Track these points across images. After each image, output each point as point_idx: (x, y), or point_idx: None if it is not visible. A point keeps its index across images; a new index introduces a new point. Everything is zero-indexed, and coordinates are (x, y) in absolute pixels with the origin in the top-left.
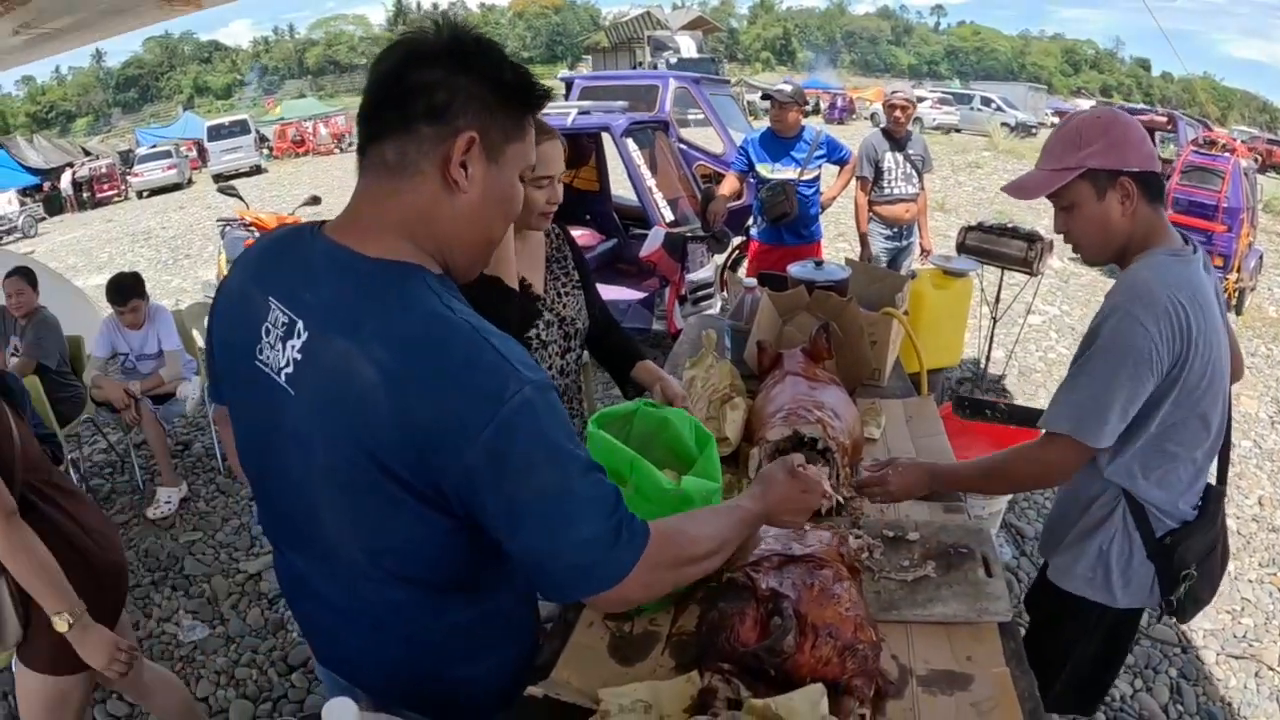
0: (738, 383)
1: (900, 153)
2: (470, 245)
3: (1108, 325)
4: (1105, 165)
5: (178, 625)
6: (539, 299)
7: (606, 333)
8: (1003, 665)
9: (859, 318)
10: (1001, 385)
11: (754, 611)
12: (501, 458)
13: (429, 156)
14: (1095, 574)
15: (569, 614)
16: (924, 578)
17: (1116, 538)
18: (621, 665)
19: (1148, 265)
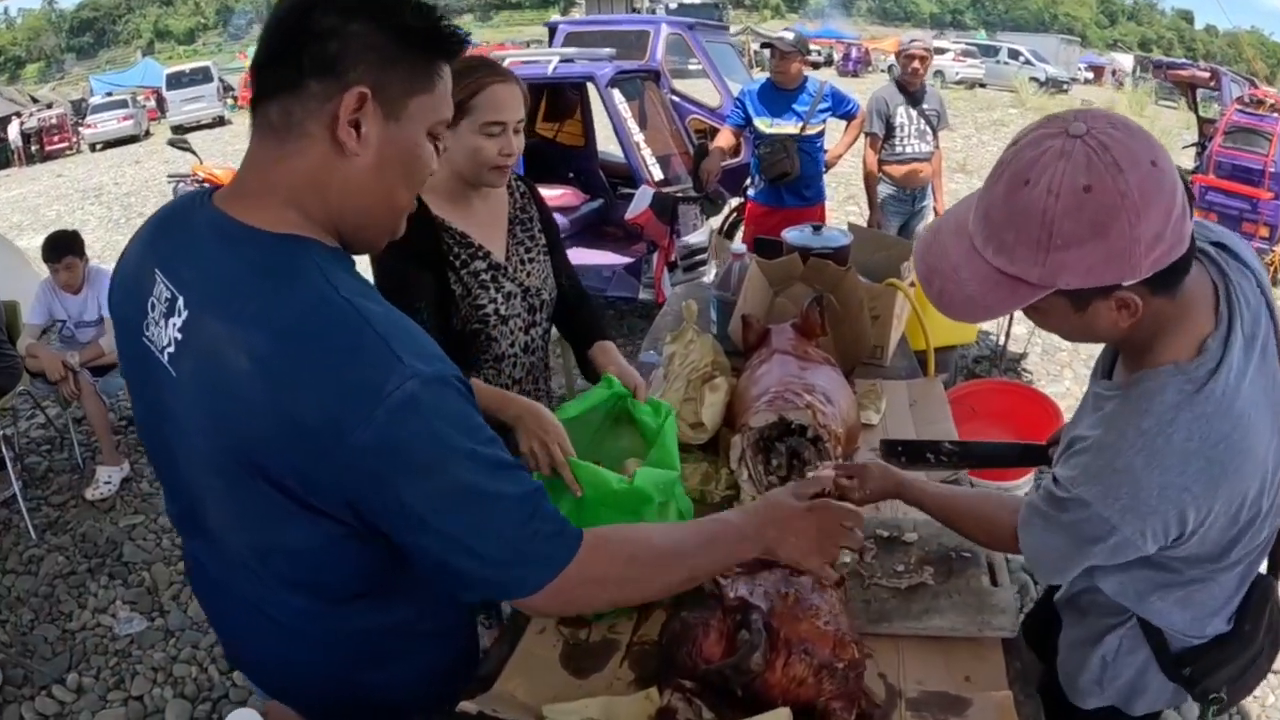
0: (721, 360)
1: (915, 108)
2: (368, 214)
3: (1073, 510)
4: (1092, 283)
5: (114, 617)
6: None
7: (577, 306)
8: (1006, 688)
9: (859, 289)
10: (1021, 365)
11: (720, 623)
12: (385, 461)
13: (316, 116)
14: (1101, 686)
15: (520, 618)
16: (920, 585)
17: (1123, 649)
18: (575, 677)
19: (1143, 426)
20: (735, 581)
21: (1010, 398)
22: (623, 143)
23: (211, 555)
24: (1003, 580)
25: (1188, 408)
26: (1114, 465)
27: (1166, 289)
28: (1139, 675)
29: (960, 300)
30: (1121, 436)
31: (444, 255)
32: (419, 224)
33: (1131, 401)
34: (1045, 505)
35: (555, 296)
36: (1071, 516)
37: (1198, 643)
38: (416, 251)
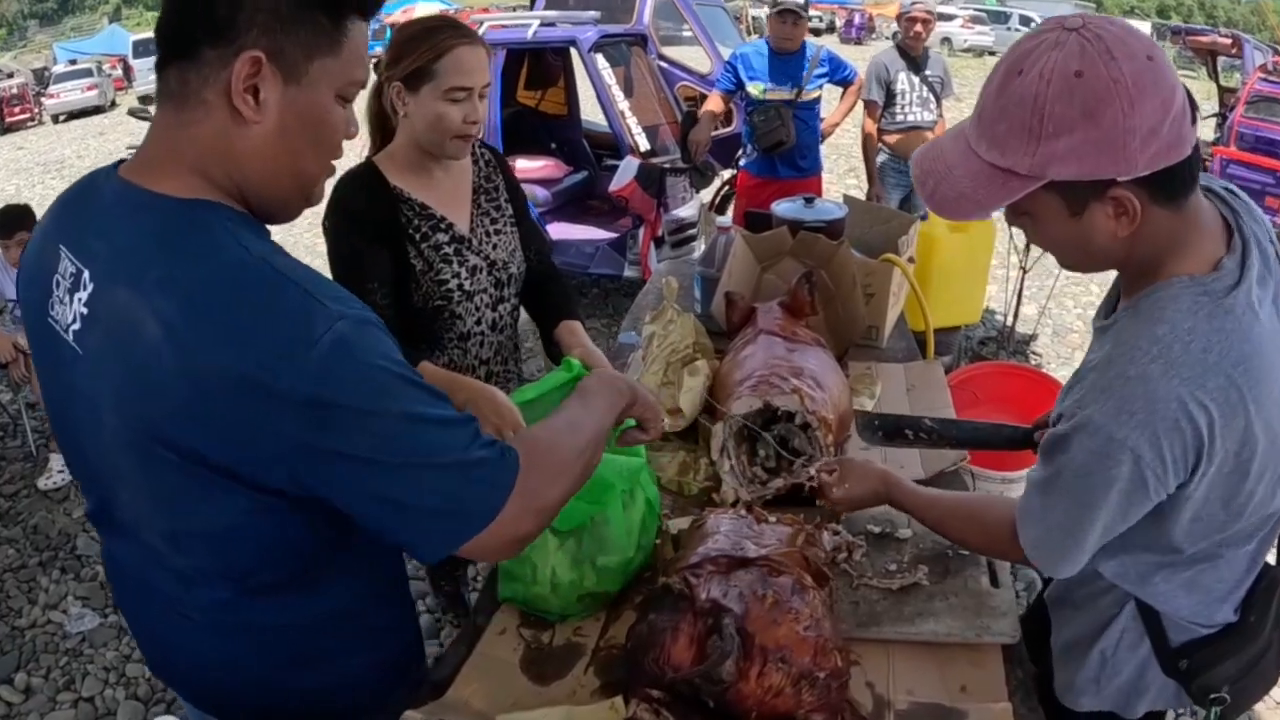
0: (703, 341)
1: (917, 74)
2: (273, 183)
3: (1079, 441)
4: (1085, 175)
5: (65, 614)
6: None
7: (545, 281)
8: (1005, 700)
9: (852, 265)
10: (1030, 348)
11: (690, 627)
12: (325, 410)
13: (211, 84)
14: (1099, 685)
15: (478, 618)
16: (913, 586)
17: (1123, 643)
18: (536, 683)
19: (1144, 325)
20: (707, 581)
21: (1017, 382)
22: (607, 111)
23: (128, 551)
24: (1004, 580)
25: (1206, 319)
26: (1126, 374)
27: (1168, 198)
28: (1139, 673)
29: (952, 198)
30: (1134, 345)
31: (402, 228)
32: (375, 195)
33: (1142, 312)
34: (1042, 467)
35: (524, 270)
36: (1076, 458)
37: (1204, 633)
38: (372, 224)
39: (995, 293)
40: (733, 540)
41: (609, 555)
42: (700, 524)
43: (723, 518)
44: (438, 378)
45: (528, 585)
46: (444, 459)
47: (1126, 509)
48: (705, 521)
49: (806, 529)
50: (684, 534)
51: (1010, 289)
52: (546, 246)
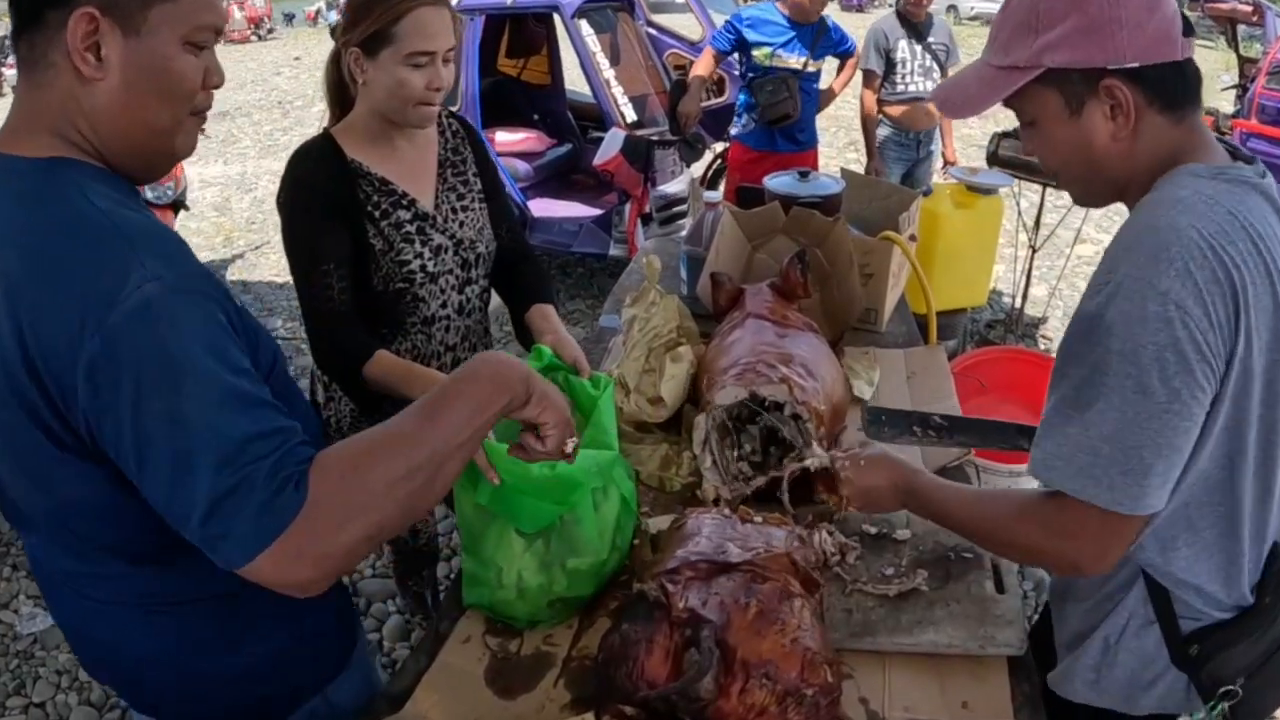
0: (688, 325)
1: (919, 42)
2: (127, 139)
3: (1116, 309)
4: (1076, 62)
5: (15, 614)
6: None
7: (516, 262)
8: (1010, 716)
9: (848, 243)
10: (1040, 332)
11: (665, 639)
12: (108, 373)
13: (55, 45)
14: (1099, 675)
15: (441, 624)
16: (912, 592)
17: (1129, 629)
18: (501, 697)
19: (1163, 194)
20: (685, 589)
21: (1025, 368)
22: (591, 81)
23: (37, 542)
24: (1010, 586)
25: (1228, 189)
26: (1155, 225)
27: (1165, 104)
28: (1144, 663)
29: (958, 100)
30: (1154, 206)
31: (360, 205)
32: (332, 169)
33: (1158, 190)
34: (1068, 380)
35: (494, 250)
36: (1115, 332)
37: (1217, 617)
38: (328, 201)
39: (1003, 273)
40: (715, 543)
41: (580, 558)
42: (680, 525)
43: (704, 518)
44: (394, 369)
45: (493, 590)
46: (199, 472)
47: (1188, 404)
48: (685, 522)
49: (796, 530)
50: (663, 535)
51: (1019, 269)
52: (519, 224)
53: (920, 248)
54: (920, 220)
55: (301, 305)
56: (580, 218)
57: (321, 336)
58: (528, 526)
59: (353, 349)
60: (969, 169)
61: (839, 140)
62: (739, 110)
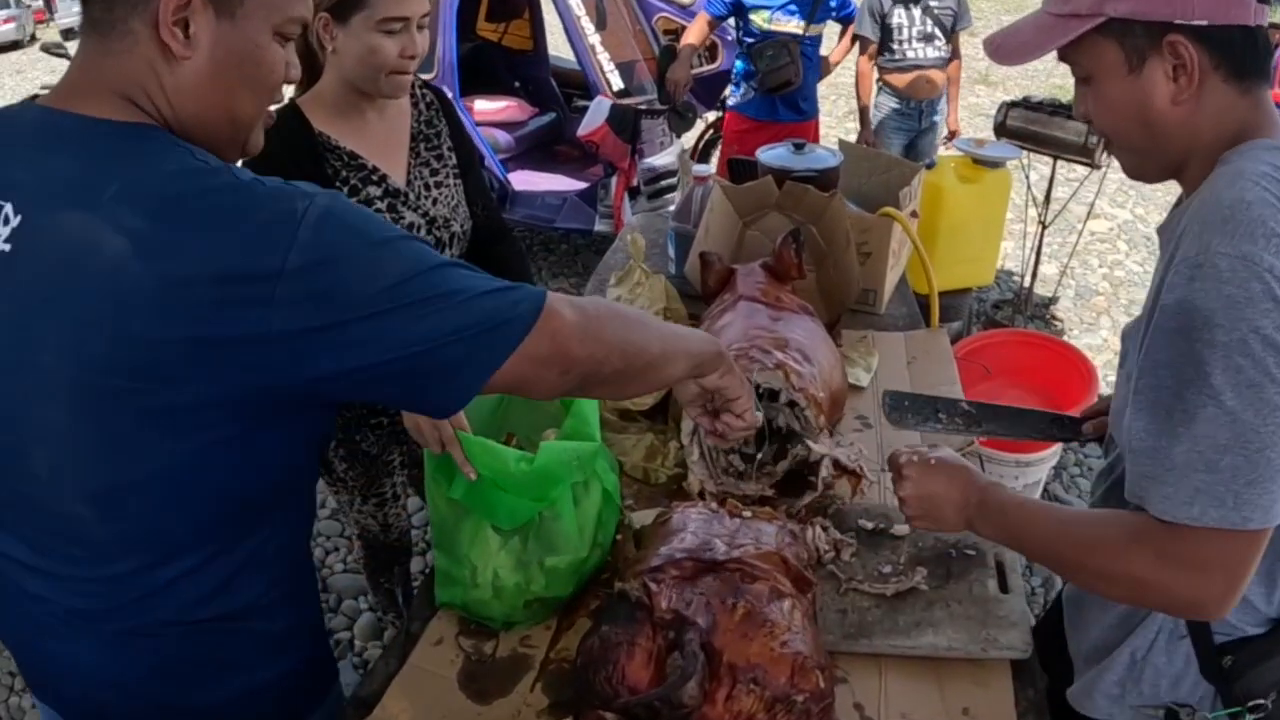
0: (675, 306)
1: (915, 5)
2: (205, 123)
3: (1213, 297)
4: (1140, 14)
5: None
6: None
7: (493, 241)
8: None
9: (846, 220)
10: (1050, 313)
11: (648, 642)
12: (322, 272)
13: (138, 13)
14: (1124, 690)
15: (412, 625)
16: (910, 591)
17: (1158, 643)
18: (475, 701)
19: (1243, 167)
20: (669, 589)
21: (1034, 351)
22: (575, 46)
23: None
24: (1014, 586)
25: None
26: (1244, 199)
27: (1231, 71)
28: (1173, 680)
29: (1012, 46)
30: (1238, 178)
31: (328, 180)
32: (297, 142)
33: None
34: (1157, 422)
35: (469, 229)
36: (1211, 318)
37: (1254, 631)
38: (294, 176)
39: (1012, 250)
40: (701, 539)
41: (559, 555)
42: (665, 520)
43: (690, 513)
44: None
45: (467, 589)
46: (468, 285)
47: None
48: (670, 517)
49: (788, 525)
50: (646, 531)
51: (1029, 246)
52: (495, 201)
53: (923, 224)
54: (923, 195)
55: None
56: (564, 191)
57: None
58: (504, 523)
59: None
60: (975, 140)
61: (838, 109)
62: (735, 79)
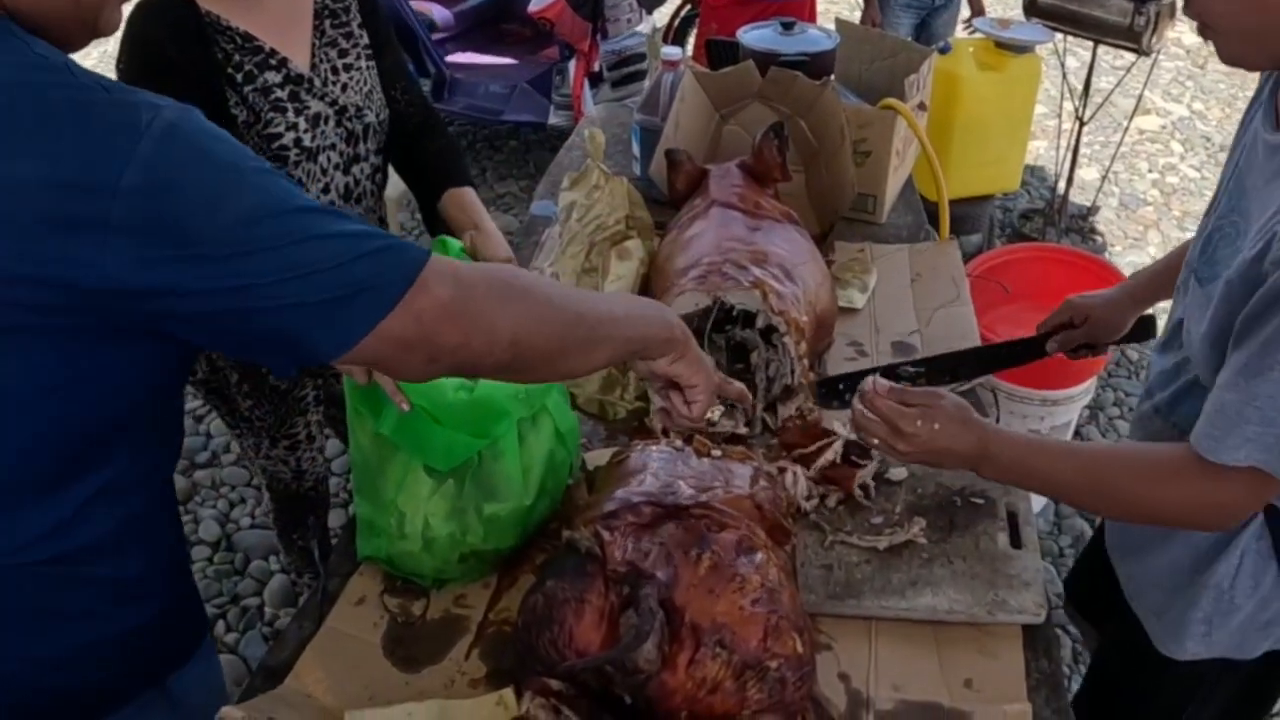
0: (639, 214)
1: None
2: (45, 3)
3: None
4: None
5: None
6: (304, 81)
7: (421, 135)
8: (1024, 700)
9: (841, 113)
10: (1088, 225)
11: (599, 599)
12: (161, 196)
13: None
14: (1211, 627)
15: (330, 583)
16: (906, 545)
17: (1244, 570)
18: (402, 670)
19: None
20: (625, 538)
21: (1066, 270)
22: None
23: None
24: (1028, 541)
25: None
26: None
27: None
28: (1263, 604)
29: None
30: None
31: (219, 67)
32: (181, 25)
33: None
34: (1237, 373)
35: (386, 119)
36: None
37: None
38: (178, 64)
39: (1044, 151)
40: (663, 481)
41: (500, 503)
42: (622, 460)
43: (651, 451)
44: None
45: (393, 540)
46: (331, 237)
47: None
48: (628, 457)
49: (765, 468)
50: (601, 472)
51: (1063, 146)
52: (420, 88)
53: (935, 120)
54: (935, 85)
55: None
56: (512, 77)
57: None
58: (439, 462)
59: None
60: (999, 21)
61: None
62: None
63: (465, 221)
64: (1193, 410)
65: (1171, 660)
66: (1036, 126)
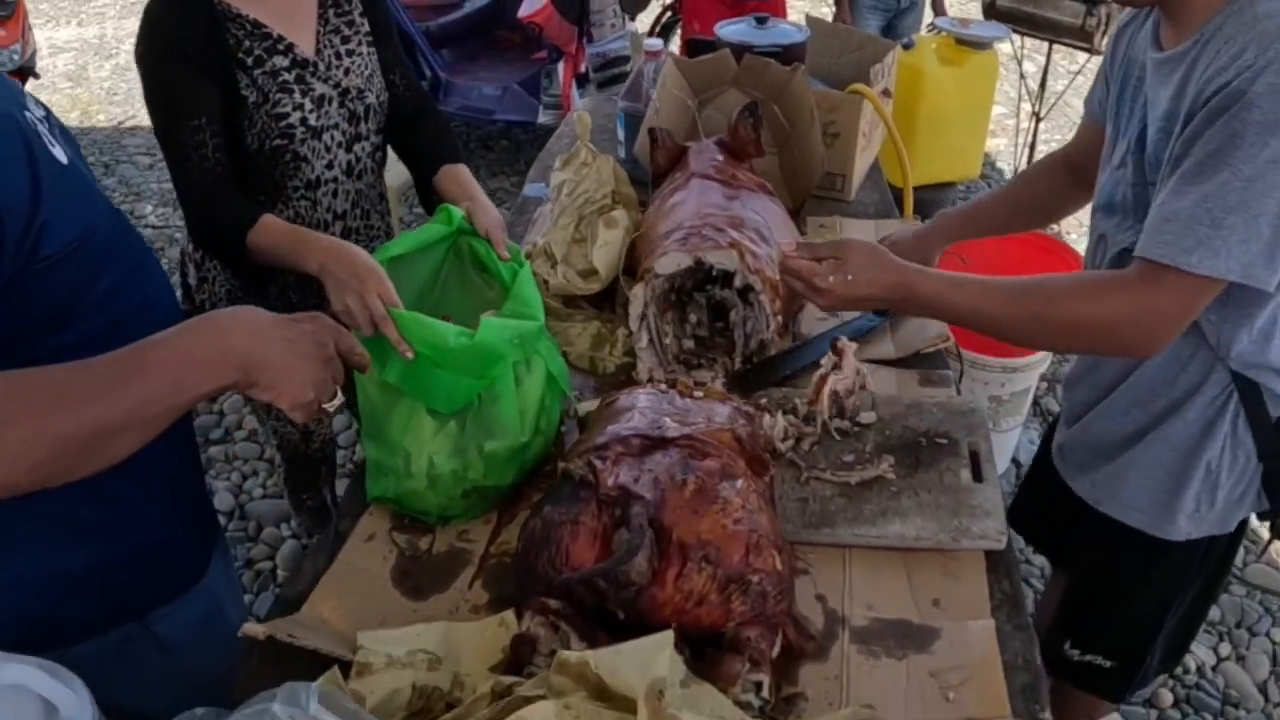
0: (625, 190)
1: None
2: None
3: (1262, 85)
4: None
5: None
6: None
7: (417, 117)
8: (987, 616)
9: (810, 97)
10: None
11: (593, 520)
12: None
13: None
14: (1201, 504)
15: (341, 524)
16: (876, 480)
17: (1228, 447)
18: (410, 598)
19: None
20: (615, 466)
21: (1023, 248)
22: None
23: None
24: (989, 475)
25: None
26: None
27: None
28: (1240, 476)
29: None
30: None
31: (230, 52)
32: (194, 12)
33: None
34: (1177, 185)
35: (385, 102)
36: (1229, 144)
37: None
38: (192, 49)
39: (1003, 149)
40: (650, 419)
41: (499, 440)
42: (612, 401)
43: (639, 393)
44: (283, 236)
45: (400, 479)
46: None
47: None
48: (618, 398)
49: (744, 407)
50: (592, 415)
51: (1021, 140)
52: (415, 75)
53: (901, 112)
54: (900, 79)
55: (172, 171)
56: (503, 80)
57: (197, 204)
58: (442, 405)
59: (234, 215)
60: (959, 20)
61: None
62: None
63: (460, 195)
64: None
65: (1164, 545)
66: (996, 125)
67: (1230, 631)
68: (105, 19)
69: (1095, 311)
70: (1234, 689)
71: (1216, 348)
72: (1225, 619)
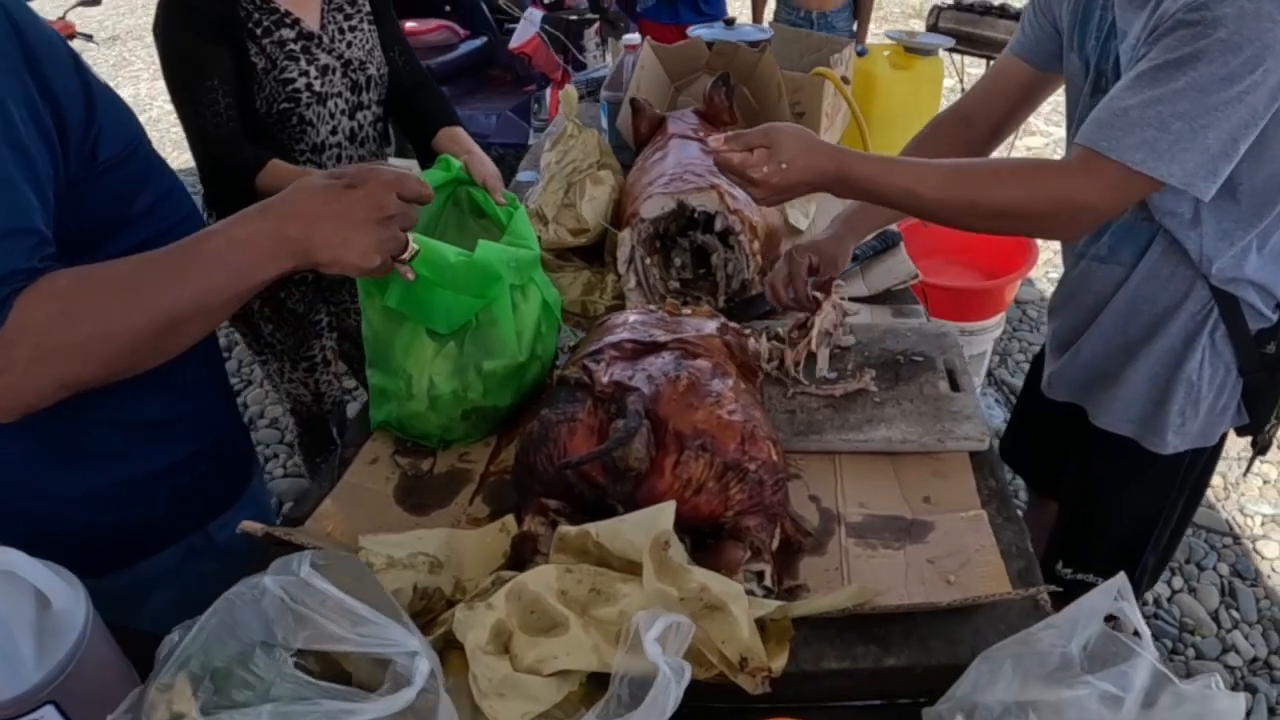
0: (609, 160)
1: None
2: None
3: (1230, 7)
4: None
5: None
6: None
7: (415, 88)
8: (978, 508)
9: (778, 76)
10: None
11: (589, 416)
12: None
13: None
14: (1185, 417)
15: (346, 451)
16: (859, 393)
17: (1207, 360)
18: (412, 514)
19: None
20: (609, 367)
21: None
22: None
23: None
24: (965, 385)
25: None
26: None
27: None
28: (1220, 388)
29: None
30: None
31: (240, 23)
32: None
33: None
34: (1132, 83)
35: (386, 75)
36: (1190, 57)
37: (1276, 316)
38: (206, 20)
39: None
40: (640, 331)
41: (496, 360)
42: (603, 320)
43: (630, 313)
44: (289, 175)
45: (402, 402)
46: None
47: (1256, 103)
48: (609, 317)
49: (731, 324)
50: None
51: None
52: (412, 51)
53: (855, 86)
54: (855, 82)
55: (187, 130)
56: (497, 107)
57: (211, 155)
58: (441, 325)
59: (244, 161)
60: (906, 31)
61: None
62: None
63: (458, 150)
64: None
65: (1152, 459)
66: None
67: (1181, 566)
68: (139, 81)
69: (1028, 197)
70: (1189, 617)
71: (1199, 264)
72: (1175, 556)
